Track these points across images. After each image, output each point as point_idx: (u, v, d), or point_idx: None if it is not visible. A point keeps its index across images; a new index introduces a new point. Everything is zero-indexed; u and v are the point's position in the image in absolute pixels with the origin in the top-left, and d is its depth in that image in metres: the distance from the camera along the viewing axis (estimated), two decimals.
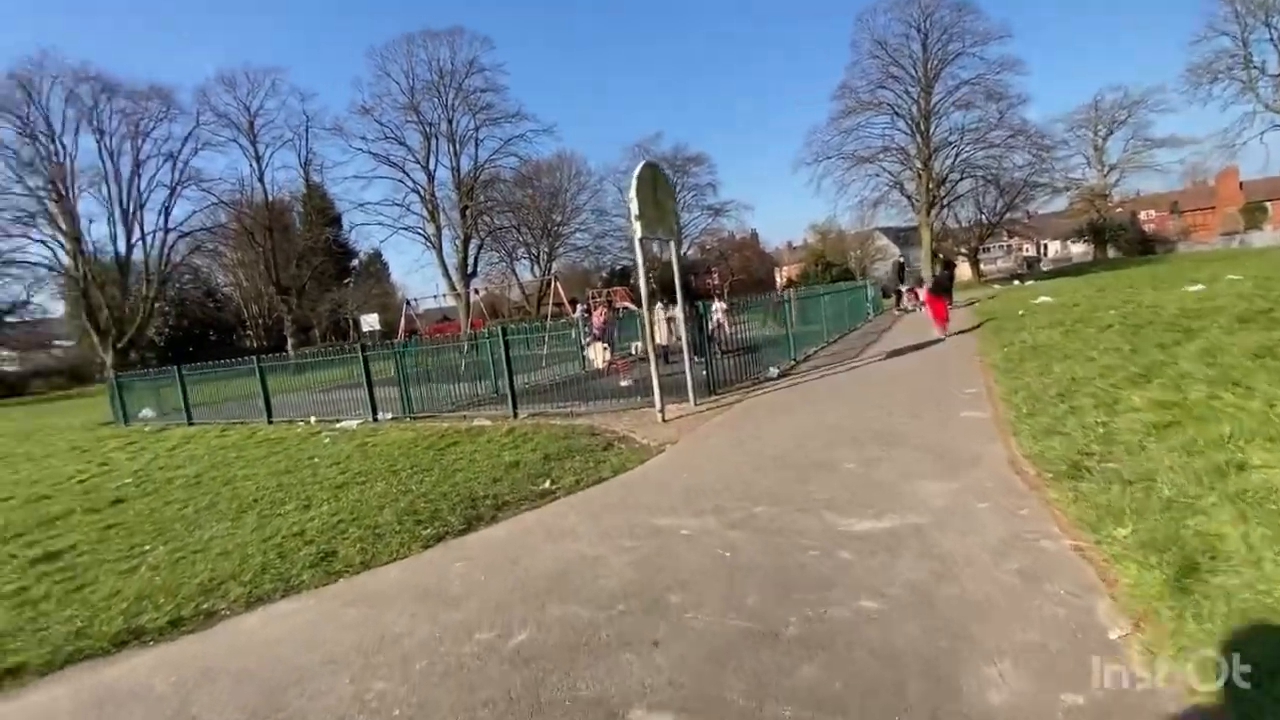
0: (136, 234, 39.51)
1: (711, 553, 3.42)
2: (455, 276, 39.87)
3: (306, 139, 43.40)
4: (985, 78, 37.69)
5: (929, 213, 40.06)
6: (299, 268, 44.25)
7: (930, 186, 39.60)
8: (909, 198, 41.65)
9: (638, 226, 7.43)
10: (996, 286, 31.21)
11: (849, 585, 2.87)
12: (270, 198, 43.74)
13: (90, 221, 38.40)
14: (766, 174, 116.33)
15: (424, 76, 37.69)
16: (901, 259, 28.51)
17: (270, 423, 12.21)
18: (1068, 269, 47.45)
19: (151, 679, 2.80)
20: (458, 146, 38.83)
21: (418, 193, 38.87)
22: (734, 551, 3.40)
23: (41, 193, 34.95)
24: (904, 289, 22.56)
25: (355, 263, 57.55)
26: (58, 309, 49.16)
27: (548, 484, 5.34)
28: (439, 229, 38.99)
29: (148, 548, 4.65)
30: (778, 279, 74.31)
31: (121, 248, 39.76)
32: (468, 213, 39.24)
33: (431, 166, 38.45)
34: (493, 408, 10.05)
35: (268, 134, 42.05)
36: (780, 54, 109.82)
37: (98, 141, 37.20)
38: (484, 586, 3.37)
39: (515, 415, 9.46)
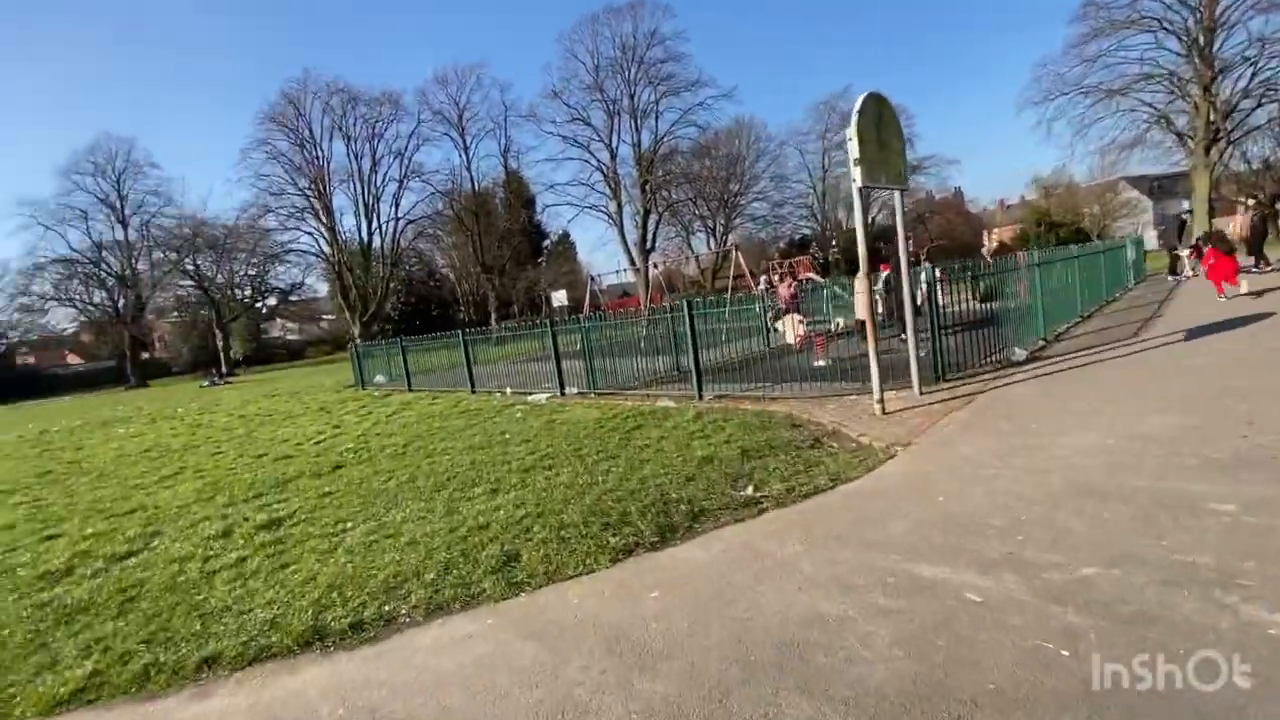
0: (375, 224, 46.21)
1: (1032, 645, 2.22)
2: (635, 252, 40.53)
3: (505, 128, 46.99)
4: None
5: (1208, 152, 30.96)
6: (500, 248, 48.42)
7: (1212, 119, 30.51)
8: (1179, 135, 32.60)
9: (858, 173, 6.06)
10: None
11: None
12: (476, 185, 48.28)
13: (341, 214, 45.72)
14: (975, 123, 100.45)
15: (608, 54, 38.37)
16: (1187, 213, 22.30)
17: (473, 392, 12.98)
18: None
19: (319, 707, 2.45)
20: (639, 121, 39.09)
21: (601, 171, 40.01)
22: (1074, 649, 2.16)
23: (308, 191, 42.31)
24: (1183, 252, 17.55)
25: (547, 243, 61.70)
26: (323, 289, 59.95)
27: (750, 489, 4.42)
28: (620, 206, 39.81)
29: (349, 525, 4.65)
30: (986, 242, 64.88)
31: (364, 236, 46.82)
32: (647, 187, 39.45)
33: (614, 144, 39.24)
34: (675, 387, 9.40)
35: (473, 126, 46.27)
36: None
37: (346, 145, 43.96)
38: (688, 641, 2.56)
39: (700, 396, 8.69)
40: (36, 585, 4.14)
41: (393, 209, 46.19)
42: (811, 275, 26.64)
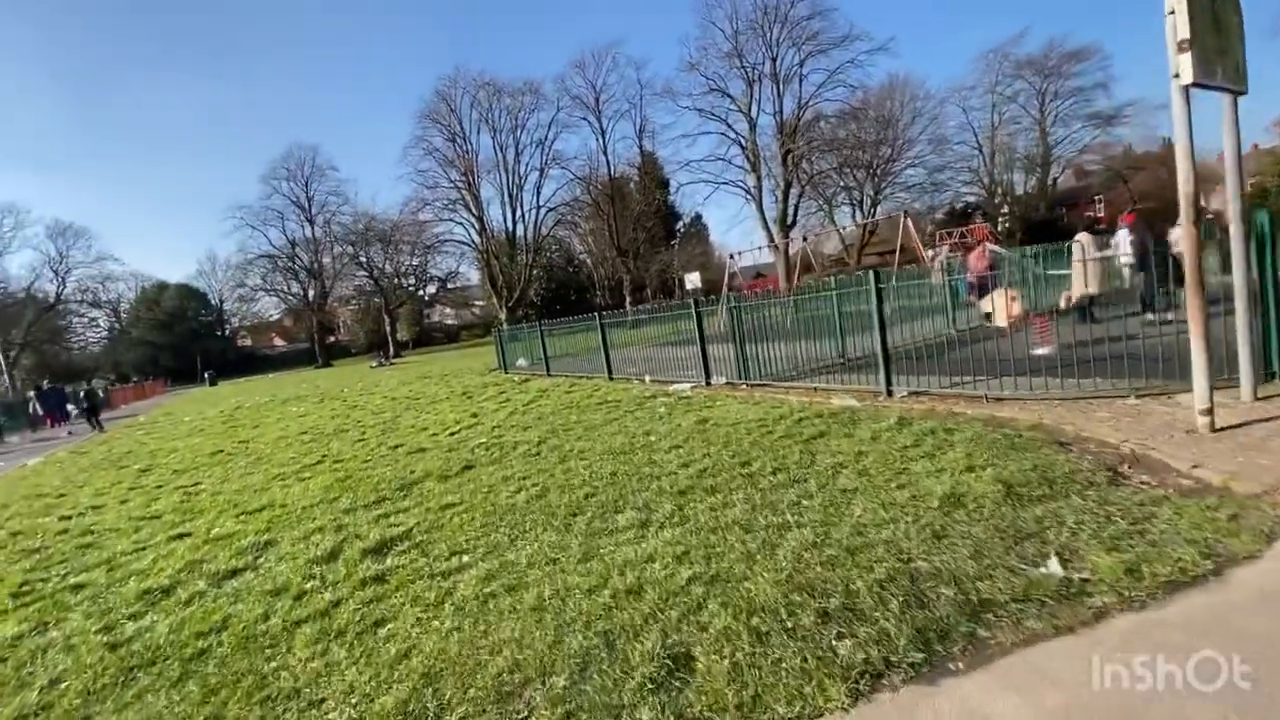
0: (519, 212, 47.99)
1: None
2: (774, 229, 37.96)
3: (640, 107, 46.34)
4: None
5: None
6: (635, 232, 48.14)
7: None
8: None
9: (1184, 63, 3.93)
10: None
11: None
12: (612, 169, 48.27)
13: (488, 204, 47.97)
14: None
15: (748, 16, 35.89)
16: None
17: (610, 379, 12.08)
18: None
19: None
20: (781, 87, 36.27)
21: (739, 143, 37.83)
22: None
23: (459, 183, 44.77)
24: None
25: (680, 225, 60.61)
26: (474, 277, 64.01)
27: (1055, 564, 2.72)
28: (759, 180, 37.38)
29: (465, 559, 3.65)
30: (1206, 203, 53.05)
31: (509, 225, 48.85)
32: (789, 158, 36.61)
33: (754, 114, 36.83)
34: (849, 379, 7.61)
35: (610, 108, 46.12)
36: None
37: (492, 138, 45.91)
38: None
39: (889, 393, 6.86)
40: (129, 611, 3.60)
41: (534, 197, 47.70)
42: (991, 245, 22.79)
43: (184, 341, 64.92)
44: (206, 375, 45.65)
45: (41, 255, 57.01)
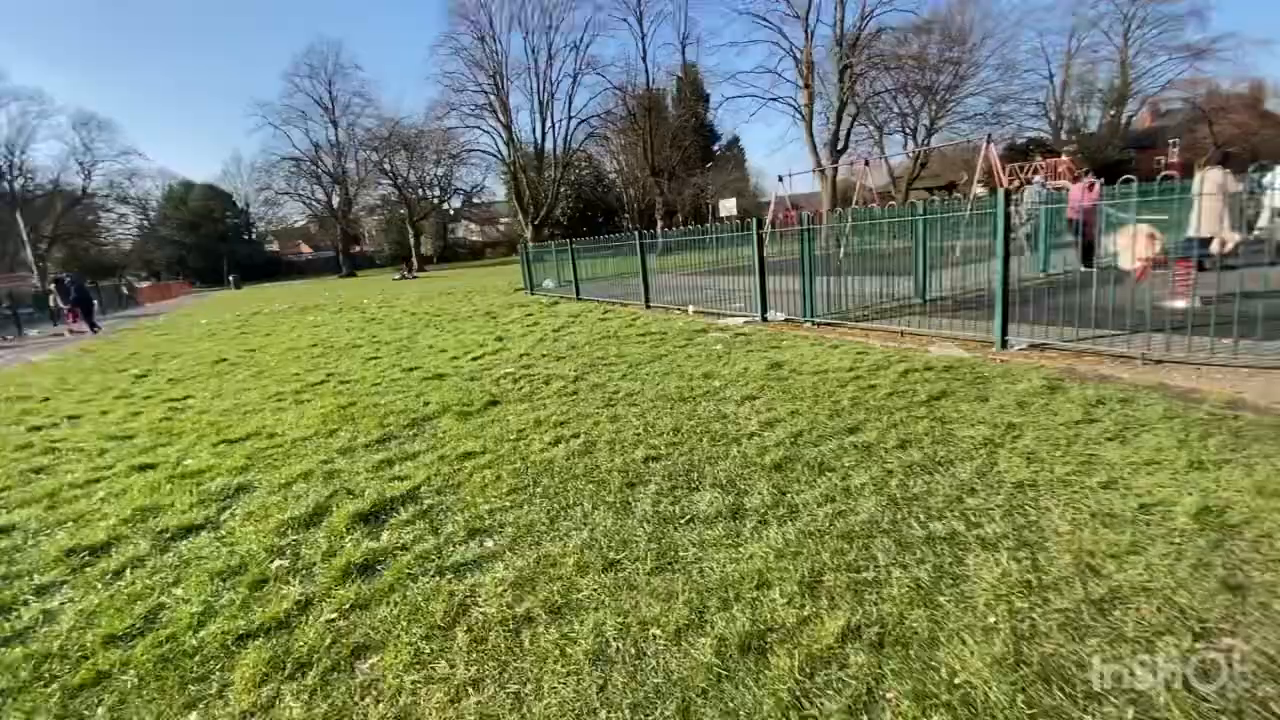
0: (549, 122, 45.23)
1: None
2: (824, 153, 35.13)
3: (686, 9, 42.41)
4: None
5: None
6: (671, 150, 45.33)
7: None
8: None
9: None
10: None
11: None
12: (651, 77, 44.83)
13: (517, 112, 45.23)
14: None
15: None
16: None
17: (648, 307, 10.90)
18: None
19: None
20: None
21: (794, 55, 34.35)
22: None
23: (486, 87, 42.01)
24: None
25: (717, 146, 57.07)
26: (500, 193, 61.77)
27: None
28: (811, 97, 34.19)
29: (489, 543, 2.64)
30: None
31: (538, 137, 46.22)
32: (847, 74, 33.24)
33: (811, 22, 33.16)
34: (939, 323, 6.32)
35: (652, 8, 42.23)
36: None
37: (524, 38, 42.63)
38: None
39: (1004, 343, 5.60)
40: (41, 580, 2.68)
41: (566, 107, 44.80)
42: (1065, 182, 20.50)
43: (211, 242, 64.61)
44: (231, 278, 45.34)
45: (66, 146, 56.01)
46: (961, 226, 9.00)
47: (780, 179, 22.30)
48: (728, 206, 42.71)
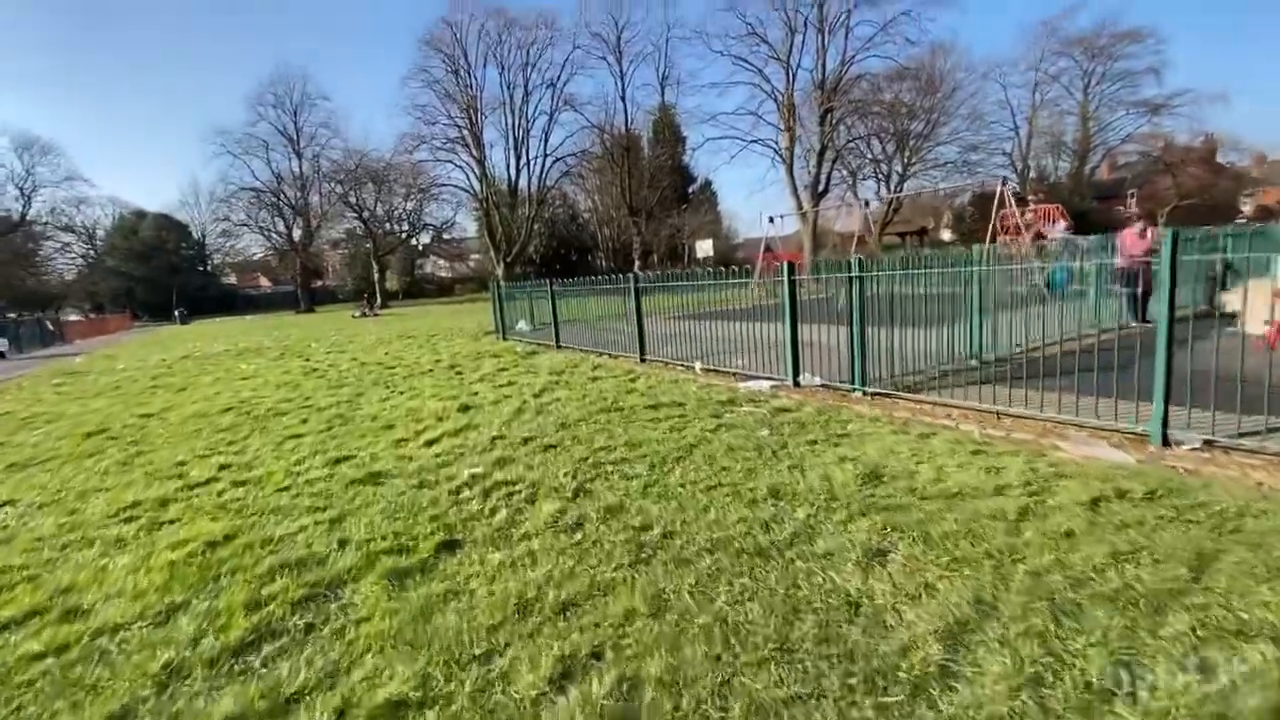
0: (524, 159, 44.17)
1: None
2: (805, 196, 34.62)
3: (666, 50, 42.28)
4: None
5: None
6: (649, 189, 44.66)
7: None
8: None
9: None
10: None
11: None
12: (629, 116, 44.37)
13: (491, 147, 44.07)
14: (1258, 41, 75.06)
15: None
16: None
17: (643, 361, 9.24)
18: None
19: None
20: (826, 37, 32.39)
21: (775, 98, 34.09)
22: None
23: (459, 120, 40.81)
24: None
25: (692, 189, 56.94)
26: (471, 229, 60.22)
27: None
28: (792, 140, 33.82)
29: None
30: (1244, 208, 50.50)
31: (512, 173, 45.06)
32: (829, 118, 33.03)
33: (793, 64, 33.02)
34: (1023, 394, 4.75)
35: (632, 49, 41.99)
36: None
37: (499, 74, 41.78)
38: None
39: (1165, 438, 4.07)
40: None
41: (541, 145, 43.82)
42: (1063, 221, 19.94)
43: (162, 274, 61.08)
44: (177, 313, 42.28)
45: (5, 170, 52.53)
46: (1025, 274, 7.65)
47: (771, 220, 21.19)
48: (704, 248, 41.94)
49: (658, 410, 5.79)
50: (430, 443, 5.18)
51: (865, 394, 6.11)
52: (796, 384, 6.79)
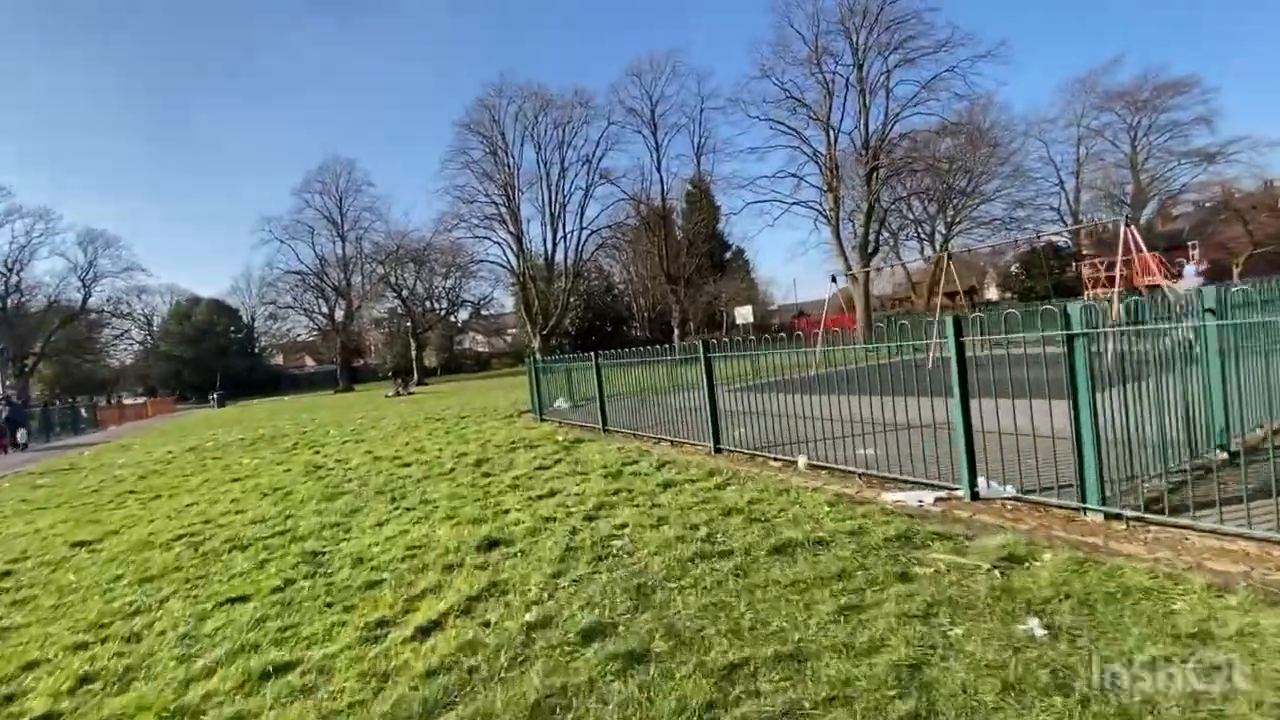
0: (560, 233, 43.98)
1: None
2: (854, 258, 32.81)
3: (700, 121, 42.24)
4: None
5: None
6: (688, 256, 43.72)
7: None
8: None
9: None
10: None
11: None
12: (666, 187, 44.09)
13: (528, 222, 44.09)
14: None
15: (832, 13, 31.50)
16: None
17: (717, 450, 7.12)
18: None
19: None
20: (867, 98, 31.49)
21: (816, 160, 33.01)
22: None
23: (497, 198, 41.03)
24: None
25: (728, 255, 56.12)
26: (508, 304, 60.28)
27: None
28: (836, 201, 32.42)
29: None
30: None
31: (549, 247, 44.84)
32: (875, 176, 31.63)
33: (838, 123, 32.06)
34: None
35: (665, 121, 42.12)
36: None
37: (536, 153, 42.23)
38: None
39: None
40: None
41: (578, 218, 43.68)
42: (1160, 278, 17.38)
43: (210, 357, 62.41)
44: (214, 396, 42.09)
45: (68, 263, 55.18)
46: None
47: (833, 279, 19.24)
48: (743, 314, 40.22)
49: (790, 556, 3.60)
50: (424, 633, 3.07)
51: (1115, 518, 3.83)
52: (974, 495, 4.53)
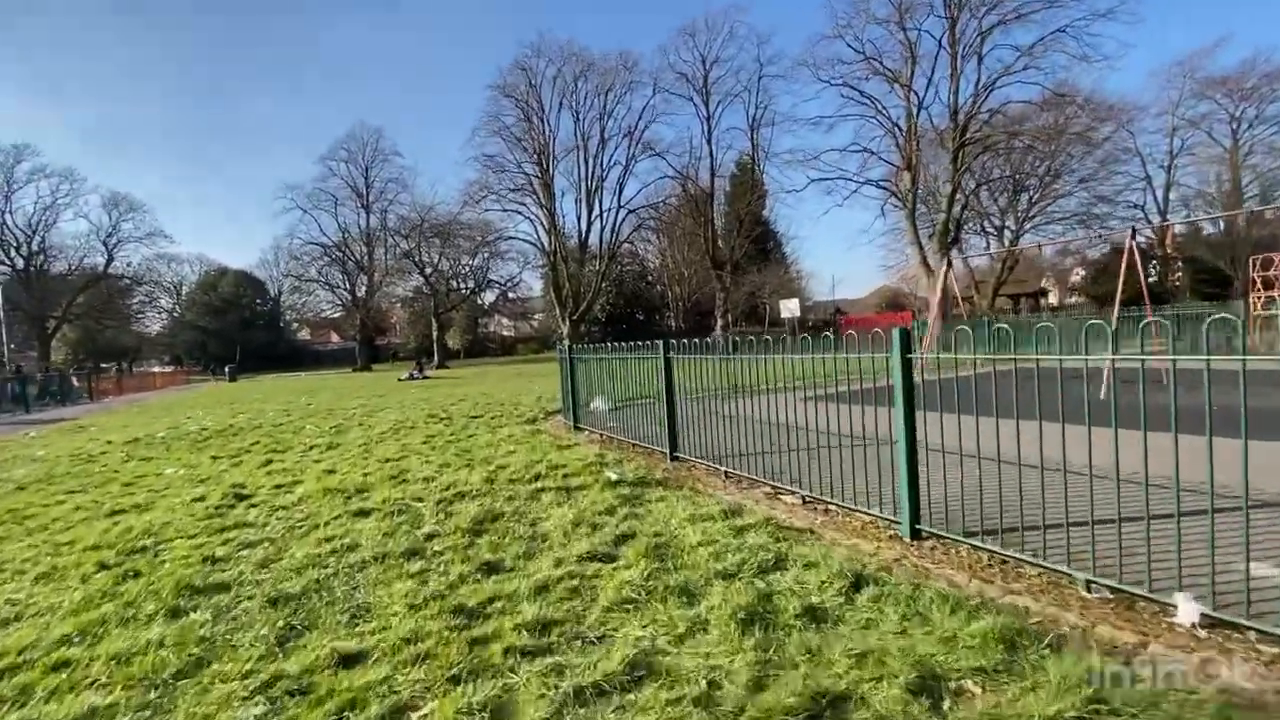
0: (596, 211, 40.60)
1: None
2: (930, 246, 28.79)
3: (757, 91, 38.24)
4: None
5: None
6: (739, 237, 39.90)
7: None
8: None
9: None
10: None
11: None
12: (715, 161, 40.25)
13: (561, 195, 40.75)
14: None
15: None
16: None
17: (915, 535, 3.65)
18: None
19: None
20: (959, 62, 27.26)
21: (895, 134, 28.98)
22: None
23: (529, 169, 37.75)
24: None
25: (769, 244, 52.11)
26: (536, 287, 57.29)
27: None
28: (915, 180, 28.40)
29: None
30: None
31: (583, 225, 41.50)
32: (962, 154, 27.50)
33: (917, 95, 27.96)
34: None
35: (720, 88, 38.25)
36: None
37: (574, 123, 38.80)
38: None
39: None
40: None
41: (616, 196, 40.17)
42: None
43: (233, 330, 60.88)
44: (226, 369, 39.92)
45: (91, 225, 53.77)
46: None
47: (949, 262, 15.47)
48: (790, 307, 36.34)
49: None
50: None
51: None
52: None
